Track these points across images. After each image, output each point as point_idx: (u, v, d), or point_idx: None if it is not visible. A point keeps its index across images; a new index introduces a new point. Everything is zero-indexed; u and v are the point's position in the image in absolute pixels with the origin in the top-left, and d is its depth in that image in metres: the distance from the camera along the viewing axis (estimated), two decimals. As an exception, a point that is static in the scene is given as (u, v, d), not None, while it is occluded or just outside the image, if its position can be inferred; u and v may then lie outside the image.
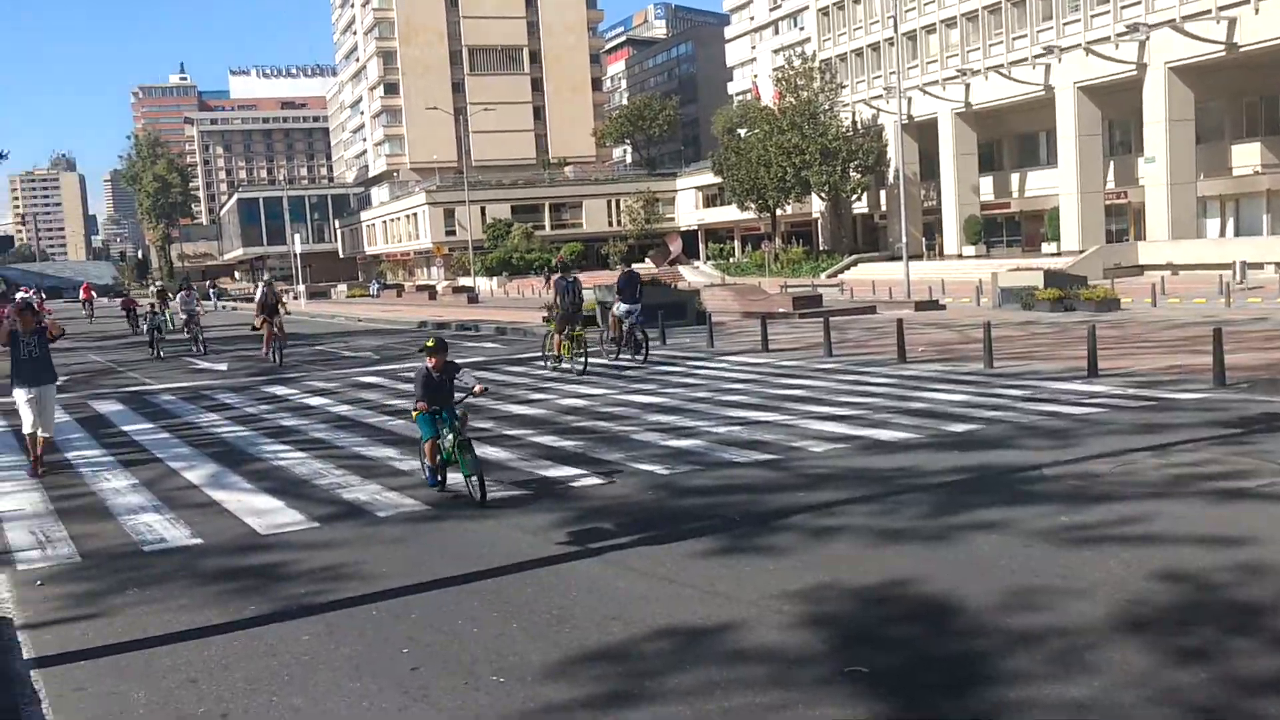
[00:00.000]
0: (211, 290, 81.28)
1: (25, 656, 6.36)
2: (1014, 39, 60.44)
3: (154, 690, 5.72)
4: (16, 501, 10.86)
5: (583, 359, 20.21)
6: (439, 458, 9.79)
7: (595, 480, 10.52)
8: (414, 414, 9.85)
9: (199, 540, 8.91)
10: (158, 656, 6.24)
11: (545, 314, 22.59)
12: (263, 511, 9.80)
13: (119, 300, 35.67)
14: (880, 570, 7.23)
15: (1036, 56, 58.16)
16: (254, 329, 25.08)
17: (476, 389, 9.76)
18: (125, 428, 15.81)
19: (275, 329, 25.79)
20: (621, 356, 21.93)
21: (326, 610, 6.94)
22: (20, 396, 12.04)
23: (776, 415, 13.95)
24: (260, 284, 32.03)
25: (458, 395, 9.90)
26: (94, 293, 68.01)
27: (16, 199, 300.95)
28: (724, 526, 8.57)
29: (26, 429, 12.15)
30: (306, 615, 6.85)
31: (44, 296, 56.37)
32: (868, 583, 6.98)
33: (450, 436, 9.57)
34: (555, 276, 21.96)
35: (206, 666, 6.03)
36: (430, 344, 9.71)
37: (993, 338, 18.65)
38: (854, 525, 8.40)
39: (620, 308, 21.98)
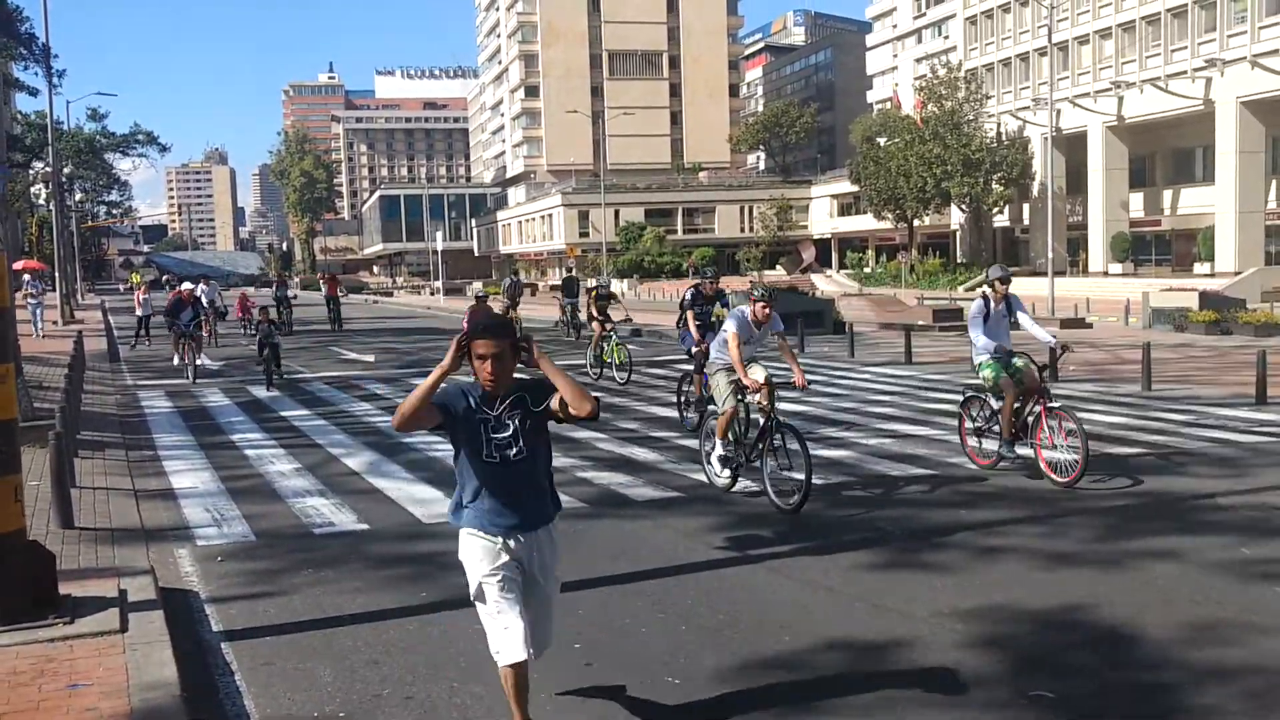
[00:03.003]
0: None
1: (214, 629, 6.64)
2: (1173, 51, 58.25)
3: (339, 669, 5.91)
4: (189, 480, 11.36)
5: (575, 330, 31.07)
6: None
7: (747, 486, 10.47)
8: None
9: (365, 525, 9.18)
10: (338, 636, 6.44)
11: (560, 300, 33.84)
12: (424, 500, 10.05)
13: (507, 298, 28.83)
14: (1053, 594, 7.02)
15: (1197, 69, 55.97)
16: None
17: None
18: (284, 413, 16.39)
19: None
20: (567, 336, 31.45)
21: (495, 601, 7.05)
22: (474, 555, 4.93)
23: (927, 429, 13.70)
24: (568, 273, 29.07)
25: None
26: (341, 290, 41.60)
27: (172, 190, 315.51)
28: (884, 540, 8.45)
29: (508, 655, 4.70)
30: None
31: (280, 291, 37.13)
32: (1042, 606, 6.79)
33: None
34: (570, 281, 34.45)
35: (387, 649, 6.20)
36: None
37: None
38: (1021, 546, 8.19)
39: (565, 300, 32.86)
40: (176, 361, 22.58)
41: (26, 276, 44.23)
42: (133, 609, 6.26)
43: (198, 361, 22.02)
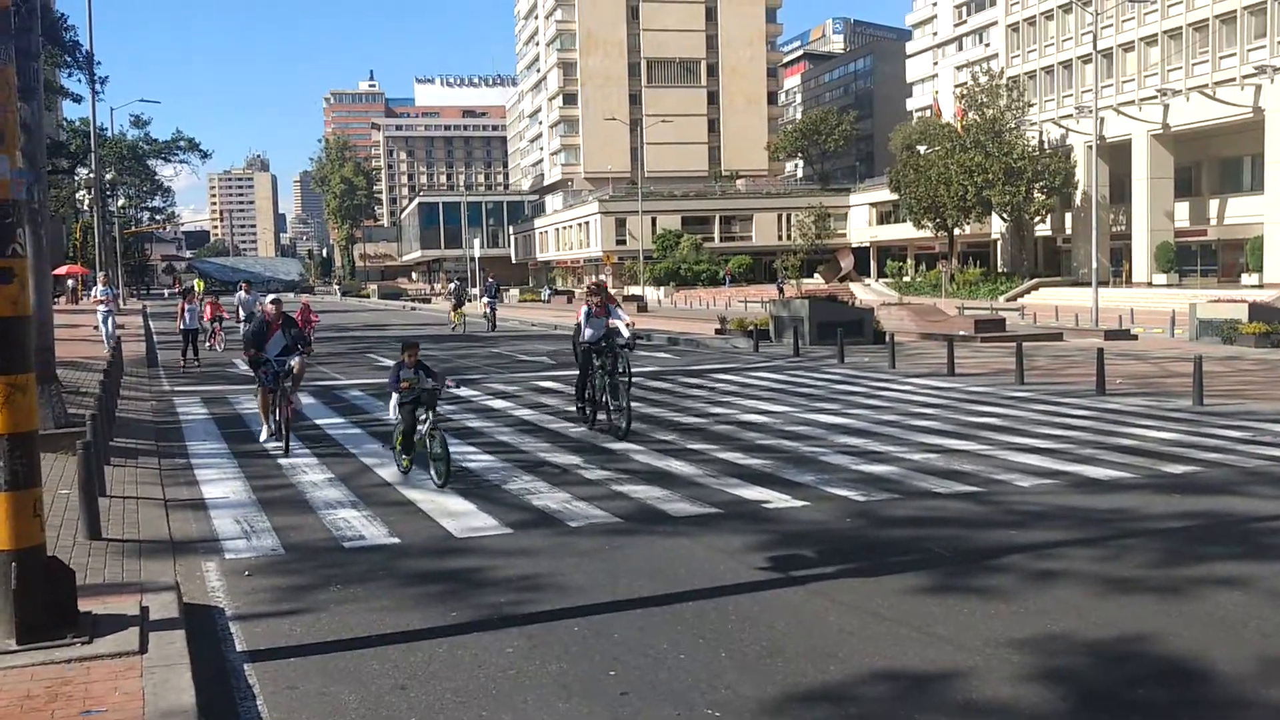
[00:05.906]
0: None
1: (238, 649, 6.43)
2: (1221, 58, 57.30)
3: (365, 694, 5.67)
4: (221, 489, 11.20)
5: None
6: None
7: (789, 502, 10.17)
8: None
9: (396, 540, 8.96)
10: (365, 658, 6.21)
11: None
12: (456, 514, 9.82)
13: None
14: (1113, 623, 6.67)
15: (1246, 76, 54.99)
16: None
17: None
18: (318, 421, 16.24)
19: None
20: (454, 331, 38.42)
21: (527, 622, 6.81)
22: None
23: (973, 444, 13.31)
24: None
25: None
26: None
27: (214, 196, 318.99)
28: (934, 562, 8.12)
29: None
30: (508, 626, 6.73)
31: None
32: (1101, 636, 6.44)
33: None
34: (489, 283, 44.26)
35: (414, 673, 5.96)
36: None
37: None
38: (1077, 570, 7.83)
39: (485, 299, 41.14)
40: (264, 436, 13.74)
41: (94, 286, 44.52)
42: (154, 628, 6.06)
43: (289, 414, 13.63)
